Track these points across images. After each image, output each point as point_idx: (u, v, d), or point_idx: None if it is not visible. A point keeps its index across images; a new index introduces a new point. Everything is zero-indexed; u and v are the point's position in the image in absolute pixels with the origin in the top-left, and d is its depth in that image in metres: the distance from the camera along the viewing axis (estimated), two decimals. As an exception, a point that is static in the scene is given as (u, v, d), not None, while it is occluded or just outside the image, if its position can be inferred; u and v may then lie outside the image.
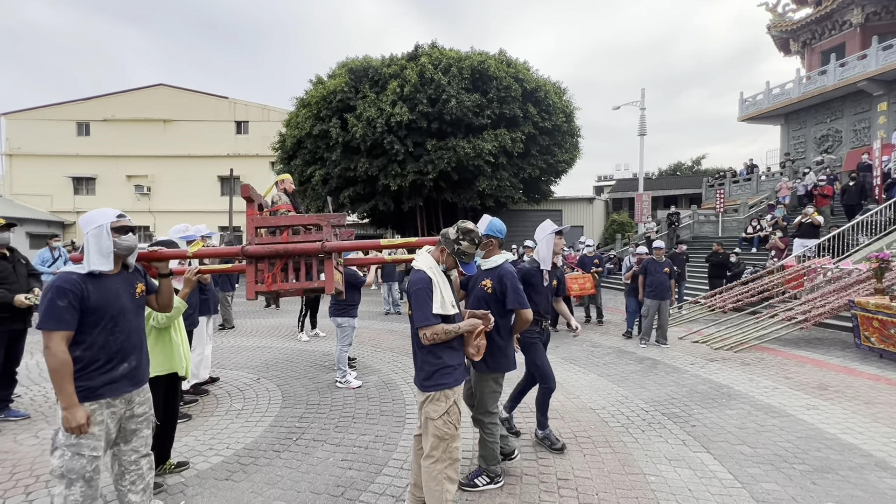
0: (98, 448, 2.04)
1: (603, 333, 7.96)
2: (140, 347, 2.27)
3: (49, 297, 1.96)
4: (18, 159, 25.38)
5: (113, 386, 2.09)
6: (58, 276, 2.03)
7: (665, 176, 40.60)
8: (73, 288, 1.98)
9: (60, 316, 1.94)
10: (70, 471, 1.98)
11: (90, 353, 2.04)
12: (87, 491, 2.01)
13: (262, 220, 2.80)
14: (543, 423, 3.43)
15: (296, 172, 15.83)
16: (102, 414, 2.07)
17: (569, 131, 16.41)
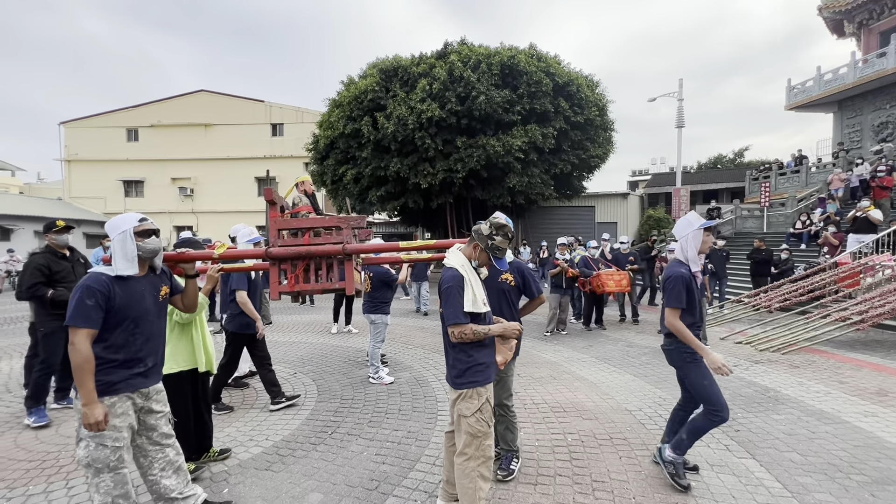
0: (121, 439, 2.13)
1: (639, 333, 7.72)
2: (158, 349, 2.36)
3: (78, 295, 2.05)
4: (76, 165, 27.21)
5: (130, 381, 2.19)
6: (88, 275, 2.14)
7: (704, 169, 38.90)
8: (101, 288, 2.08)
9: (87, 314, 2.04)
10: (95, 460, 2.08)
11: (110, 352, 2.13)
12: (115, 478, 2.12)
13: (285, 222, 2.88)
14: (684, 447, 2.81)
15: (328, 172, 16.19)
16: (123, 406, 2.17)
17: (602, 125, 15.99)
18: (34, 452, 3.34)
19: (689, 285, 2.68)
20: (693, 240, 2.75)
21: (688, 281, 2.69)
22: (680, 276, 2.70)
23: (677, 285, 2.67)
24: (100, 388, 2.09)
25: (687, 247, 2.77)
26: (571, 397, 4.48)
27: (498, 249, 2.25)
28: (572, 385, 4.88)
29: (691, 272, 2.74)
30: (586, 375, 5.23)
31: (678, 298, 2.65)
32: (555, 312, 7.62)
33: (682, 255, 2.81)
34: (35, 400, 3.84)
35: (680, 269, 2.74)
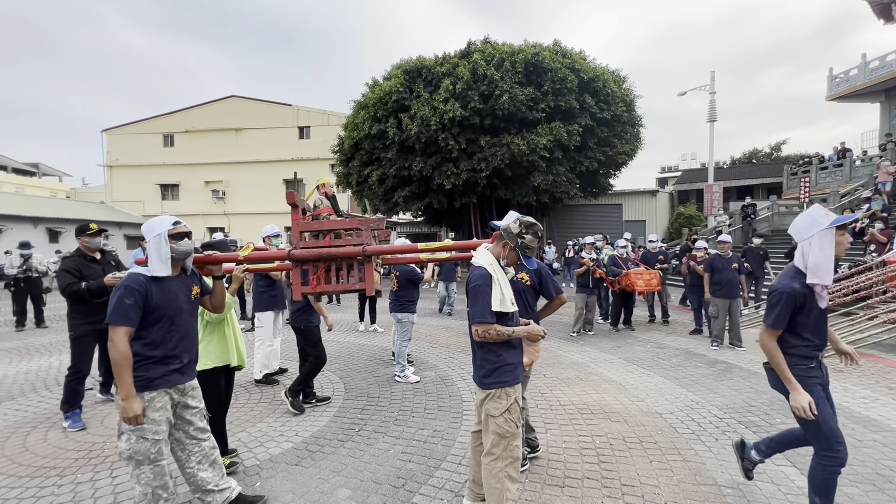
0: (160, 432, 2.23)
1: (669, 333, 7.51)
2: (192, 347, 2.46)
3: (119, 294, 2.16)
4: (117, 170, 28.59)
5: (168, 377, 2.30)
6: (127, 276, 2.26)
7: (738, 164, 37.41)
8: (139, 288, 2.19)
9: (126, 313, 2.15)
10: (136, 453, 2.18)
11: (148, 349, 2.24)
12: (155, 470, 2.23)
13: (307, 224, 2.94)
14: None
15: (353, 173, 16.44)
16: (162, 400, 2.27)
17: (629, 121, 15.62)
18: (82, 443, 3.53)
19: (799, 303, 2.16)
20: (821, 242, 2.12)
21: (799, 297, 2.15)
22: (788, 291, 2.16)
23: (781, 302, 2.17)
24: (139, 383, 2.20)
25: (810, 252, 2.15)
26: (599, 399, 4.40)
27: (528, 248, 2.24)
28: (600, 386, 4.79)
29: (810, 286, 2.16)
30: (614, 377, 5.13)
31: (777, 318, 2.18)
32: (581, 312, 7.50)
33: (801, 262, 2.21)
34: (70, 405, 3.86)
35: (792, 283, 2.18)
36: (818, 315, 2.21)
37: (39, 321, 8.46)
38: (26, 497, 2.77)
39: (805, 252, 2.19)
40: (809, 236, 2.17)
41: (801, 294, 2.16)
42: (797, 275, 2.22)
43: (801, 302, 2.17)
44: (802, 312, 2.18)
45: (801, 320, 2.19)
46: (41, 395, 4.68)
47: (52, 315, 9.23)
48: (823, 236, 2.13)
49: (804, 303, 2.17)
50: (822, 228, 2.14)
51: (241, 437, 3.59)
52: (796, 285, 2.17)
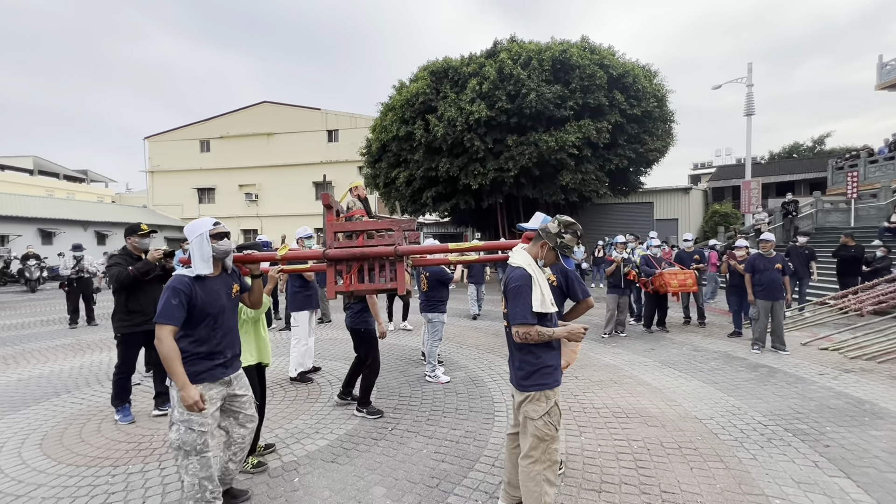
0: (206, 424, 2.35)
1: (706, 336, 7.25)
2: (235, 342, 2.60)
3: (166, 295, 2.29)
4: (158, 175, 29.96)
5: (213, 371, 2.42)
6: (173, 277, 2.38)
7: (778, 160, 35.72)
8: (184, 289, 2.31)
9: (172, 313, 2.27)
10: (185, 443, 2.31)
11: (195, 346, 2.37)
12: (201, 461, 2.35)
13: (340, 225, 3.00)
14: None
15: (381, 175, 16.63)
16: (208, 394, 2.39)
17: (661, 117, 15.16)
18: (132, 435, 3.72)
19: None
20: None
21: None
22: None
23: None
24: (188, 376, 2.30)
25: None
26: (634, 402, 4.30)
27: (567, 248, 2.22)
28: (635, 390, 4.67)
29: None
30: (649, 380, 4.99)
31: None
32: (612, 313, 7.34)
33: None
34: (119, 399, 4.03)
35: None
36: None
37: (90, 319, 8.96)
38: (83, 485, 2.95)
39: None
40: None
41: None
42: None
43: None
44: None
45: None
46: (94, 388, 4.95)
47: (101, 314, 9.75)
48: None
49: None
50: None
51: (279, 434, 3.70)
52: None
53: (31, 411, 4.28)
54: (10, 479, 3.03)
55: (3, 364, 5.98)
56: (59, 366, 5.88)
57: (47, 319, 9.69)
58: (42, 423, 4.01)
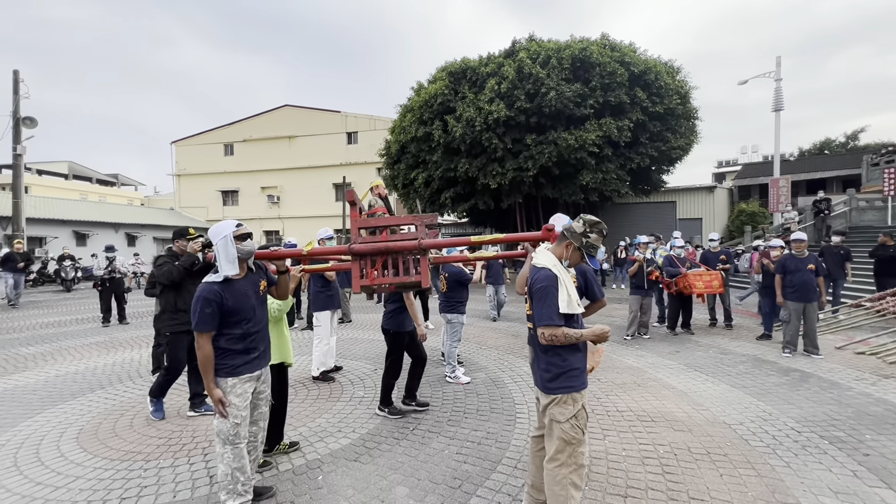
0: (239, 416, 2.48)
1: (733, 339, 7.04)
2: (266, 336, 2.72)
3: (199, 306, 2.40)
4: (184, 178, 30.84)
5: (248, 365, 2.55)
6: (202, 287, 2.46)
7: (808, 156, 34.46)
8: (214, 297, 2.42)
9: (207, 321, 2.40)
10: (220, 433, 2.46)
11: (231, 343, 2.50)
12: (235, 452, 2.47)
13: (365, 221, 3.06)
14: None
15: (400, 176, 16.74)
16: (243, 387, 2.52)
17: (684, 114, 14.82)
18: (162, 431, 3.83)
19: None
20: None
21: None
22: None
23: None
24: (226, 370, 2.48)
25: None
26: (659, 406, 4.21)
27: (592, 247, 2.19)
28: (659, 393, 4.57)
29: None
30: (675, 383, 4.88)
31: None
32: (635, 315, 7.20)
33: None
34: (155, 395, 4.13)
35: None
36: None
37: (122, 318, 9.28)
38: (118, 478, 3.05)
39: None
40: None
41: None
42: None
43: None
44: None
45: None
46: (126, 385, 5.13)
47: (132, 313, 10.11)
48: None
49: None
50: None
51: (303, 432, 3.76)
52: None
53: (67, 406, 4.46)
54: (51, 471, 3.16)
55: (42, 360, 6.24)
56: (93, 363, 6.10)
57: (82, 318, 10.08)
58: (78, 417, 4.17)
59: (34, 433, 3.81)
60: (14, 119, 16.09)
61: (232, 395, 2.47)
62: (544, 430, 2.35)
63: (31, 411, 4.32)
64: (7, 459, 3.34)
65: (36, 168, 35.40)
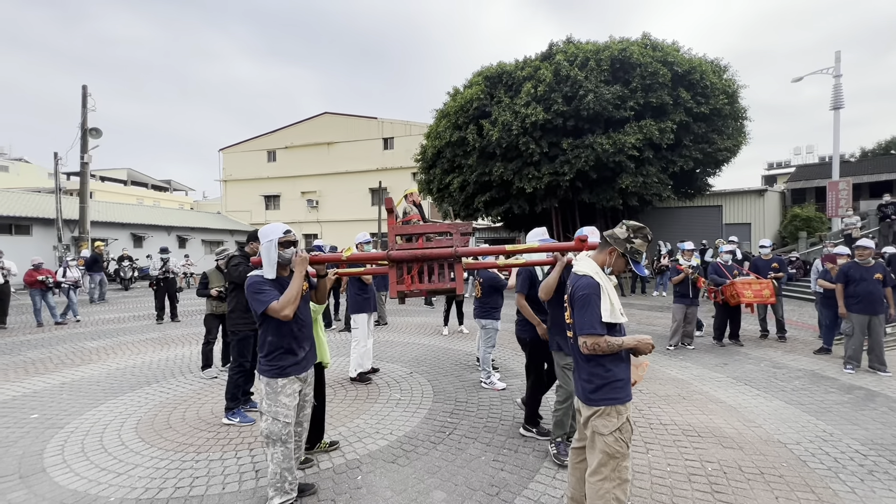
0: (290, 416, 2.55)
1: (787, 352, 6.62)
2: (311, 336, 2.79)
3: (255, 289, 2.51)
4: (230, 184, 32.42)
5: (297, 366, 2.61)
6: (253, 277, 2.58)
7: (872, 157, 31.95)
8: (265, 283, 2.54)
9: (272, 294, 2.50)
10: (271, 434, 2.51)
11: (279, 340, 2.57)
12: (284, 451, 2.54)
13: (402, 228, 3.13)
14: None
15: (435, 181, 16.87)
16: (292, 387, 2.58)
17: (731, 114, 14.15)
18: (212, 425, 4.03)
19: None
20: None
21: None
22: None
23: None
24: (274, 371, 2.56)
25: None
26: (707, 421, 4.01)
27: (637, 253, 2.14)
28: (706, 407, 4.36)
29: None
30: (723, 397, 4.64)
31: None
32: (679, 324, 6.91)
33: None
34: (234, 401, 4.09)
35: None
36: None
37: (174, 316, 9.84)
38: (172, 468, 3.23)
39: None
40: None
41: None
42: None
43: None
44: None
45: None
46: (178, 380, 5.43)
47: (182, 311, 10.69)
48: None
49: None
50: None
51: (342, 431, 3.84)
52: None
53: (126, 398, 4.77)
54: (113, 458, 3.39)
55: (105, 354, 6.72)
56: (148, 358, 6.50)
57: (138, 315, 10.77)
58: (136, 408, 4.45)
59: (98, 422, 4.10)
60: (82, 130, 17.48)
61: (282, 395, 2.54)
62: (585, 441, 2.30)
63: (95, 401, 4.66)
64: (76, 445, 3.61)
65: (99, 175, 38.22)
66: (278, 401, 2.54)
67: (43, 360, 6.34)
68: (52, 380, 5.42)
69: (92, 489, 2.96)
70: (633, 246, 2.14)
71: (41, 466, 3.27)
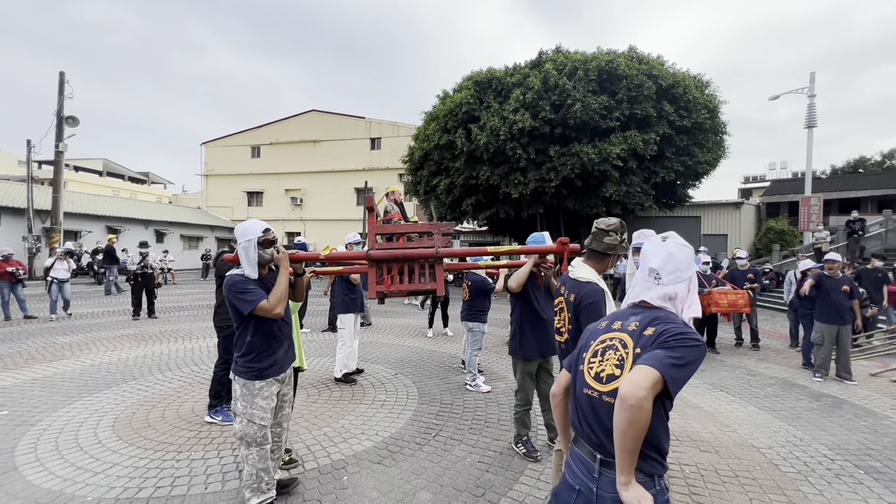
0: (266, 419, 2.50)
1: (760, 360, 6.85)
2: (290, 335, 2.73)
3: (239, 289, 2.43)
4: (212, 178, 31.75)
5: (274, 367, 2.55)
6: (229, 277, 2.48)
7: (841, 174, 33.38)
8: (248, 281, 2.46)
9: (258, 294, 2.44)
10: (246, 436, 2.46)
11: (259, 340, 2.50)
12: (260, 453, 2.50)
13: (382, 227, 3.08)
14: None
15: (422, 182, 16.89)
16: (269, 390, 2.53)
17: (712, 129, 14.60)
18: (193, 423, 3.95)
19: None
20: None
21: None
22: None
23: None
24: (253, 373, 2.49)
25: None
26: (684, 425, 4.14)
27: (626, 249, 2.30)
28: (684, 412, 4.49)
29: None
30: (700, 403, 4.79)
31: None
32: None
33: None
34: (217, 398, 4.01)
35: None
36: None
37: (151, 312, 9.58)
38: (152, 468, 3.16)
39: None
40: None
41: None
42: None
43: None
44: None
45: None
46: (156, 377, 5.30)
47: (159, 308, 10.42)
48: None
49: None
50: None
51: (327, 432, 3.82)
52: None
53: (103, 395, 4.64)
54: (90, 457, 3.30)
55: (79, 350, 6.51)
56: (125, 354, 6.32)
57: (113, 310, 10.45)
58: (113, 406, 4.33)
59: (73, 419, 3.98)
60: (58, 118, 16.90)
61: (259, 397, 2.48)
62: None
63: (69, 398, 4.51)
64: (49, 443, 3.50)
65: (73, 165, 36.95)
66: (254, 403, 2.48)
67: (12, 355, 6.10)
68: (23, 375, 5.23)
69: (67, 488, 2.88)
70: (623, 245, 2.27)
71: (13, 465, 3.16)
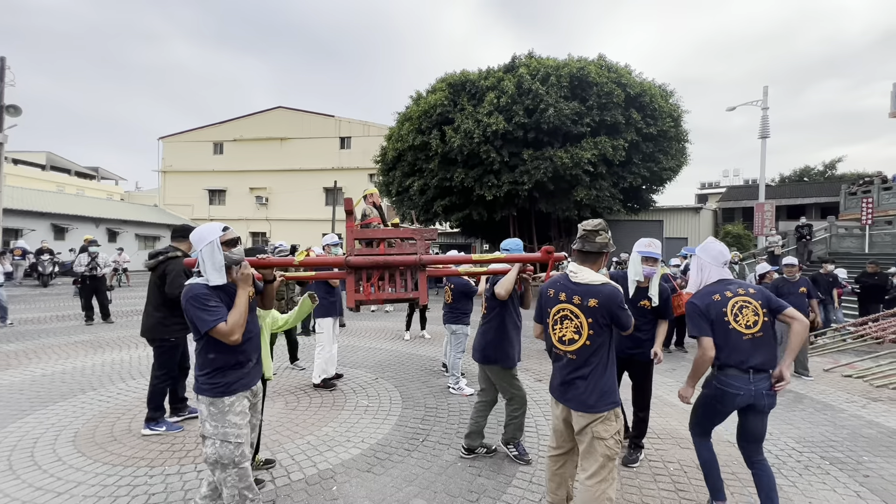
0: (241, 435, 2.26)
1: (725, 358, 7.19)
2: (258, 346, 2.51)
3: (199, 304, 2.15)
4: (170, 175, 30.24)
5: (243, 380, 2.33)
6: (189, 288, 2.20)
7: (788, 183, 35.74)
8: (210, 292, 2.19)
9: (219, 313, 2.16)
10: (221, 457, 2.21)
11: (225, 354, 2.25)
12: (240, 472, 2.25)
13: (361, 232, 2.90)
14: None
15: (395, 183, 16.74)
16: (241, 404, 2.30)
17: (676, 136, 15.27)
18: (165, 436, 3.71)
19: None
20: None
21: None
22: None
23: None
24: (220, 389, 2.24)
25: None
26: (664, 423, 4.27)
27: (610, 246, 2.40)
28: (661, 410, 4.64)
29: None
30: (675, 401, 4.95)
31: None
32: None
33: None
34: (158, 410, 3.81)
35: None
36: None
37: (105, 316, 8.97)
38: (122, 485, 2.94)
39: None
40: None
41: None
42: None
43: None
44: None
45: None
46: (118, 387, 4.96)
47: (116, 311, 9.79)
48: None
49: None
50: None
51: (310, 440, 3.69)
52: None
53: (59, 407, 4.29)
54: (50, 476, 3.03)
55: (26, 358, 6.00)
56: (80, 362, 5.89)
57: (62, 315, 9.73)
58: (72, 419, 4.01)
59: (26, 435, 3.66)
60: (-2, 106, 15.59)
61: (231, 414, 2.25)
62: (564, 448, 2.38)
63: (20, 412, 4.15)
64: (1, 462, 3.19)
65: (11, 157, 34.21)
66: (227, 421, 2.24)
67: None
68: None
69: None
70: (611, 242, 2.36)
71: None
